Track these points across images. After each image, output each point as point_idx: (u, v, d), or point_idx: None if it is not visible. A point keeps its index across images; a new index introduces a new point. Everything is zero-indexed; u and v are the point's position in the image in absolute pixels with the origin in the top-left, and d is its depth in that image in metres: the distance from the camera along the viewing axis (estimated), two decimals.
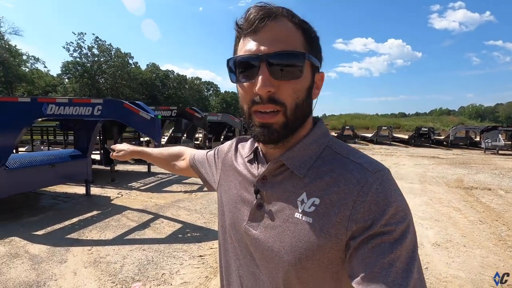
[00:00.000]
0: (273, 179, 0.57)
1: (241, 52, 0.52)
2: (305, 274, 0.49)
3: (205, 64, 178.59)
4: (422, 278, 0.43)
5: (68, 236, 3.61)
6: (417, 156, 13.80)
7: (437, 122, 36.97)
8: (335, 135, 25.35)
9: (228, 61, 0.53)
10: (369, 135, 23.99)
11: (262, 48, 0.48)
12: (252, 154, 0.64)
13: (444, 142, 20.52)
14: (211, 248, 3.32)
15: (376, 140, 21.87)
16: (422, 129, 21.22)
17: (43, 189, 5.52)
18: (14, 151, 4.98)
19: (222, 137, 14.07)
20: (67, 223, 4.05)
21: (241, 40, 0.53)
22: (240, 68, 0.51)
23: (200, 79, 65.29)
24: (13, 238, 3.49)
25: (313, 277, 0.49)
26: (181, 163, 0.96)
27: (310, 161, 0.54)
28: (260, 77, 0.48)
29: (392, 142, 21.69)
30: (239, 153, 0.70)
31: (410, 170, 9.42)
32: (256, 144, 0.64)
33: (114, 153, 1.15)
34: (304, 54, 0.49)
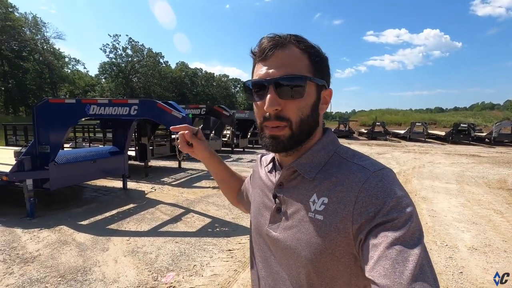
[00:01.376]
0: (288, 184, 0.64)
1: (255, 75, 0.61)
2: (321, 268, 0.54)
3: (232, 61, 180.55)
4: (430, 265, 0.44)
5: (109, 226, 3.92)
6: (455, 154, 12.97)
7: (478, 118, 34.13)
8: (365, 131, 24.52)
9: (244, 83, 0.63)
10: (402, 131, 22.86)
11: (271, 72, 0.57)
12: (271, 164, 0.73)
13: (486, 139, 19.04)
14: (239, 243, 3.43)
15: (409, 137, 20.81)
16: (461, 125, 19.78)
17: (86, 183, 6.01)
18: (61, 148, 5.44)
19: (249, 134, 14.20)
20: (107, 214, 4.39)
21: (256, 65, 0.61)
22: (254, 89, 0.60)
23: (228, 76, 66.21)
24: (62, 227, 3.86)
25: (328, 271, 0.54)
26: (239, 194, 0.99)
27: (319, 166, 0.60)
28: (268, 97, 0.56)
29: (427, 139, 20.54)
30: (262, 165, 0.79)
31: (446, 169, 8.90)
32: (274, 155, 0.73)
33: (193, 145, 0.87)
34: (305, 77, 0.56)
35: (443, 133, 21.16)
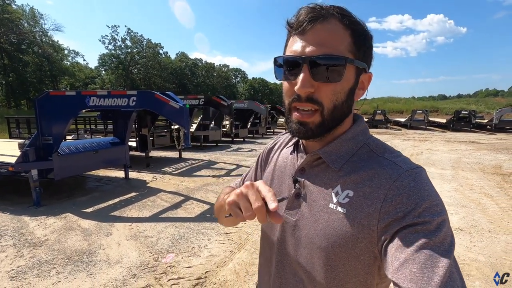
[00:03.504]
0: (311, 170, 0.60)
1: (288, 50, 0.55)
2: (337, 262, 0.52)
3: (232, 51, 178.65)
4: (460, 273, 0.42)
5: (112, 213, 4.09)
6: (454, 141, 13.04)
7: (481, 104, 33.94)
8: (366, 120, 24.54)
9: (275, 59, 0.57)
10: (403, 119, 22.90)
11: (307, 50, 0.51)
12: (293, 146, 0.68)
13: (488, 126, 19.05)
14: (236, 227, 3.59)
15: (410, 125, 20.86)
16: (462, 112, 19.79)
17: (89, 173, 6.19)
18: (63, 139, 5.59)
19: (249, 124, 14.30)
20: (110, 202, 4.56)
21: (291, 38, 0.55)
22: (286, 66, 0.55)
23: (228, 66, 65.68)
24: (67, 214, 4.04)
25: (344, 265, 0.52)
26: None
27: (347, 156, 0.57)
28: (300, 78, 0.51)
29: (427, 127, 20.59)
30: (280, 147, 0.75)
31: (443, 156, 9.01)
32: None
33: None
34: (346, 59, 0.51)
35: (444, 121, 21.17)
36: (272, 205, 0.44)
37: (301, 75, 0.51)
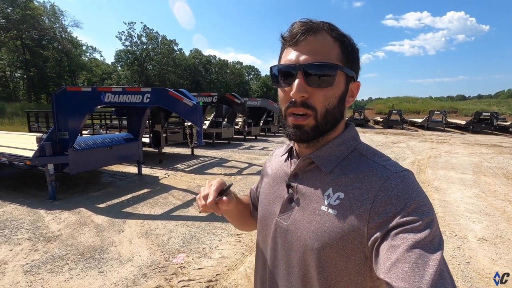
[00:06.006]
0: (304, 175, 0.62)
1: (283, 60, 0.59)
2: (328, 263, 0.53)
3: (246, 48, 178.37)
4: (449, 272, 0.43)
5: (124, 210, 4.11)
6: (474, 144, 12.53)
7: (503, 106, 32.37)
8: (381, 120, 23.94)
9: (271, 68, 0.60)
10: (419, 120, 22.19)
11: (301, 58, 0.55)
12: (287, 153, 0.71)
13: (510, 129, 18.20)
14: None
15: (427, 126, 20.19)
16: (483, 113, 18.96)
17: (103, 168, 6.27)
18: (79, 134, 5.67)
19: (262, 122, 14.21)
20: (123, 198, 4.59)
21: (285, 50, 0.60)
22: (281, 74, 0.58)
23: (241, 63, 65.59)
24: (81, 209, 4.09)
25: (336, 266, 0.53)
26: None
27: (337, 160, 0.59)
28: (296, 83, 0.55)
29: (446, 128, 19.86)
30: (275, 157, 0.78)
31: (463, 159, 8.64)
32: (291, 145, 0.71)
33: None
34: (337, 66, 0.55)
35: (463, 122, 20.37)
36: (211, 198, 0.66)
37: (296, 81, 0.55)
